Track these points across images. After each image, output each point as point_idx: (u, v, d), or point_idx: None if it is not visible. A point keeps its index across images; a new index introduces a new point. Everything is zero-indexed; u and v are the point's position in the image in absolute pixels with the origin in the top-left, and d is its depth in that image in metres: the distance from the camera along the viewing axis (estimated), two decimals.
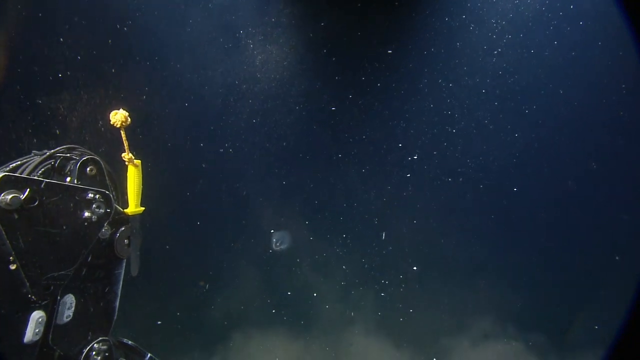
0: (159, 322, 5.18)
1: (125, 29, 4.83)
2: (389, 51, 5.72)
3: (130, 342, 1.91)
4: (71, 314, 1.54)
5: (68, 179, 1.58)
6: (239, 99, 5.60)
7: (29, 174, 1.47)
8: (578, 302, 5.75)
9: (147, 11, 4.97)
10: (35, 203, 1.36)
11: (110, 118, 1.66)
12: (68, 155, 1.62)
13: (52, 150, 1.58)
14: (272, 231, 5.71)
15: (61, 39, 4.45)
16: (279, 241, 5.64)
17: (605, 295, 5.53)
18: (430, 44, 5.75)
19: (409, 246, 5.92)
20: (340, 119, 5.90)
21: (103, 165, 1.68)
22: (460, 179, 5.94)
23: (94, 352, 1.62)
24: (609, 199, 5.78)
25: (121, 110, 1.68)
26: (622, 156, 5.72)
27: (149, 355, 1.94)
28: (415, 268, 5.87)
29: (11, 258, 1.30)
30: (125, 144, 1.71)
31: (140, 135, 4.99)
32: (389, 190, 5.96)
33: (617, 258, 5.62)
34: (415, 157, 5.89)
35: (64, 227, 1.46)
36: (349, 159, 5.96)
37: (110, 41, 4.76)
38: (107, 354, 1.66)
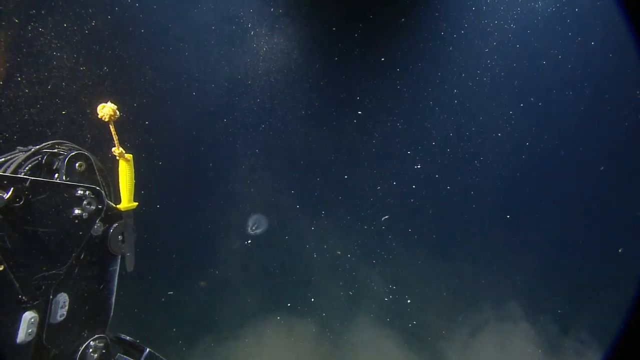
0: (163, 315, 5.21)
1: (127, 20, 4.73)
2: (390, 51, 5.62)
3: (128, 337, 1.90)
4: (65, 313, 1.51)
5: (57, 175, 1.53)
6: (244, 95, 5.50)
7: (13, 172, 1.42)
8: (579, 300, 5.75)
9: (150, 3, 4.85)
10: (20, 202, 1.31)
11: (98, 112, 1.60)
12: (55, 150, 1.56)
13: (38, 146, 1.52)
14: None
15: (60, 32, 4.34)
16: (255, 224, 5.46)
17: (607, 294, 5.52)
18: (439, 44, 5.68)
19: (414, 250, 5.87)
20: (347, 117, 5.79)
21: (93, 161, 1.62)
22: (466, 179, 5.89)
23: (90, 350, 1.60)
24: (617, 198, 5.74)
25: (109, 103, 1.61)
26: (629, 156, 5.69)
27: (147, 350, 1.92)
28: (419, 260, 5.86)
29: None
30: (115, 138, 1.65)
31: (142, 131, 4.93)
32: (396, 192, 5.89)
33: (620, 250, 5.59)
34: (419, 167, 5.83)
35: (53, 226, 1.42)
36: (356, 160, 5.88)
37: (113, 33, 4.66)
38: (104, 351, 1.65)
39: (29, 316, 1.37)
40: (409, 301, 5.66)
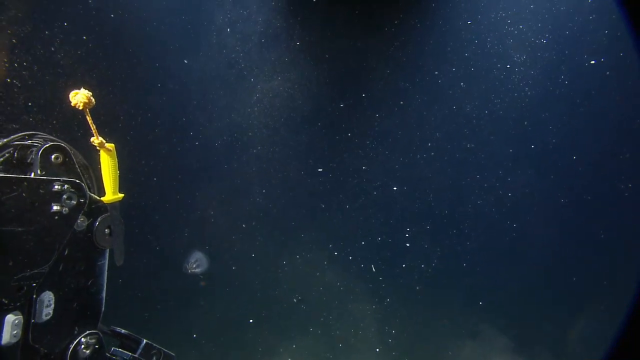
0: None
1: (130, 64, 4.76)
2: (407, 84, 5.57)
3: (123, 330, 1.87)
4: (51, 312, 1.46)
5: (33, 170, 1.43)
6: (244, 142, 5.47)
7: None
8: (578, 303, 5.75)
9: (154, 46, 4.88)
10: None
11: (71, 99, 1.48)
12: (28, 143, 1.46)
13: (7, 139, 1.41)
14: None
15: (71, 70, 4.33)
16: (195, 263, 5.29)
17: (606, 296, 5.50)
18: (443, 80, 5.60)
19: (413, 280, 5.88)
20: (349, 164, 5.73)
21: (70, 152, 1.52)
22: (463, 182, 5.87)
23: (82, 346, 1.57)
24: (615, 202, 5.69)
25: (82, 90, 1.49)
26: (625, 160, 5.64)
27: (144, 341, 1.90)
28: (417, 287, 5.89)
29: None
30: (92, 127, 1.54)
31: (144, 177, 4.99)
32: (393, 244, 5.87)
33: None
34: (425, 197, 5.81)
35: (31, 224, 1.34)
36: (358, 207, 5.82)
37: (115, 76, 4.70)
38: (97, 347, 1.62)
39: (12, 318, 1.31)
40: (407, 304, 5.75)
